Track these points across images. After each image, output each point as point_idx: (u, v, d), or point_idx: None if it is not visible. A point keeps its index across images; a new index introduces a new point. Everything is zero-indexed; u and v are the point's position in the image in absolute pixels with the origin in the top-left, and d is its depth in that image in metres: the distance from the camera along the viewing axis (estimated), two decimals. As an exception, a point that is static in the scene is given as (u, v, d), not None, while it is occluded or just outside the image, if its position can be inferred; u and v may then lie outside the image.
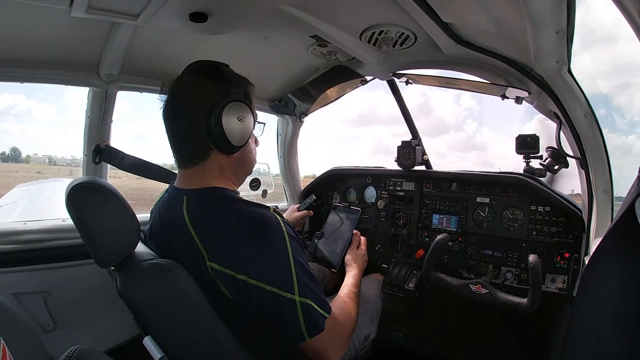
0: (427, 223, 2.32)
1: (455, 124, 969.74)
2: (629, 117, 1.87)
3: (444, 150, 58.65)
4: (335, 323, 1.20)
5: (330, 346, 1.20)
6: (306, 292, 1.13)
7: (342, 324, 1.26)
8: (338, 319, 1.24)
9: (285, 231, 1.17)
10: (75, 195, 1.14)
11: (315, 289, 1.17)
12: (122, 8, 1.45)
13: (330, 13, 1.58)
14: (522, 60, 1.56)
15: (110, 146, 1.95)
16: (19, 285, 1.72)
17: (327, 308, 1.18)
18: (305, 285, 1.13)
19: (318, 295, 1.16)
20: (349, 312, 1.35)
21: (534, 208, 1.96)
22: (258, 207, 1.20)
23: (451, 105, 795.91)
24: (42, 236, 1.80)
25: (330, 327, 1.17)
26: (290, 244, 1.16)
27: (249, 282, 1.10)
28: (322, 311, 1.15)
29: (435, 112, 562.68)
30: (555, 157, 1.73)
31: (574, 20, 1.22)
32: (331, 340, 1.19)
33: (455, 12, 1.43)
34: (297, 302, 1.11)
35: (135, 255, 1.16)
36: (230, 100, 1.19)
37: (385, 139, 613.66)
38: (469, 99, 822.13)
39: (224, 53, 1.98)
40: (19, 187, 4.54)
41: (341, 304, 1.37)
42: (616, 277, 0.96)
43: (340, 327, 1.24)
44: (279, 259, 1.13)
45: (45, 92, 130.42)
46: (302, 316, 1.11)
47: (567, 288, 1.80)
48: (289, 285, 1.11)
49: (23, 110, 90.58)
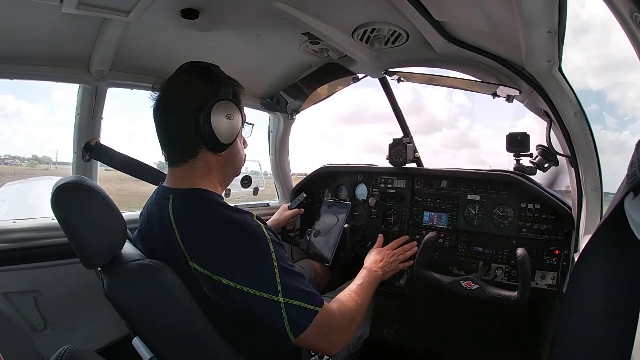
0: (418, 220, 2.32)
1: (448, 121, 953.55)
2: (621, 113, 1.90)
3: (437, 148, 59.07)
4: (329, 315, 1.20)
5: (324, 339, 1.21)
6: (290, 292, 1.13)
7: (338, 316, 1.26)
8: (333, 311, 1.24)
9: (268, 236, 1.18)
10: (60, 195, 1.12)
11: (300, 285, 1.17)
12: (113, 4, 1.44)
13: (322, 11, 1.58)
14: (513, 59, 1.57)
15: (100, 143, 1.93)
16: (9, 285, 1.70)
17: (317, 301, 1.17)
18: (289, 286, 1.13)
19: (303, 290, 1.16)
20: (347, 305, 1.35)
21: (524, 205, 1.98)
22: (241, 213, 1.22)
23: (443, 102, 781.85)
24: (32, 235, 1.78)
25: (323, 319, 1.17)
26: (273, 248, 1.16)
27: (232, 285, 1.10)
28: (310, 306, 1.15)
29: (427, 109, 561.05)
30: (545, 155, 1.74)
31: (566, 19, 1.23)
32: (324, 333, 1.19)
33: (448, 11, 1.43)
34: (282, 303, 1.11)
35: (122, 256, 1.15)
36: (219, 99, 1.22)
37: (375, 136, 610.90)
38: (461, 96, 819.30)
39: (215, 50, 1.97)
40: (8, 185, 4.50)
41: (341, 296, 1.39)
42: (605, 274, 0.97)
43: (335, 319, 1.24)
44: (262, 264, 1.14)
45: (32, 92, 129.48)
46: (287, 316, 1.11)
47: (556, 284, 1.82)
48: (272, 288, 1.11)
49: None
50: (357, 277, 1.61)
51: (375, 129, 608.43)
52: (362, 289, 1.51)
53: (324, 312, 1.18)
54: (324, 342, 1.22)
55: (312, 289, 1.20)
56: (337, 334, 1.26)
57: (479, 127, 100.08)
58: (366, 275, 1.65)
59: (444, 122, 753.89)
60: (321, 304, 1.18)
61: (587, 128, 1.54)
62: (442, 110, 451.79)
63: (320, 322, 1.16)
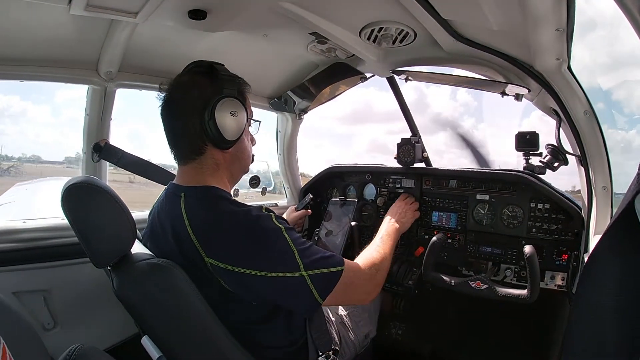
0: (427, 220, 2.31)
1: (452, 120, 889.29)
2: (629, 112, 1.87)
3: (442, 148, 58.86)
4: (353, 270, 1.32)
5: (354, 292, 1.34)
6: (311, 265, 1.18)
7: (363, 268, 1.39)
8: (356, 265, 1.37)
9: (278, 224, 1.22)
10: (70, 195, 1.14)
11: (317, 255, 1.23)
12: (121, 5, 1.45)
13: (329, 10, 1.57)
14: (521, 57, 1.56)
15: (109, 144, 1.95)
16: (19, 284, 1.72)
17: (337, 262, 1.25)
18: (309, 260, 1.19)
19: (322, 258, 1.23)
20: (372, 256, 1.50)
21: (534, 205, 1.96)
22: (249, 207, 1.25)
23: (447, 101, 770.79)
24: (42, 234, 1.79)
25: (349, 274, 1.26)
26: (286, 232, 1.21)
27: (254, 274, 1.13)
28: (332, 268, 1.22)
29: (432, 108, 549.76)
30: (555, 155, 1.72)
31: (574, 17, 1.22)
32: (353, 287, 1.30)
33: (455, 9, 1.42)
34: (306, 277, 1.16)
35: (131, 255, 1.16)
36: (223, 96, 1.24)
37: (381, 136, 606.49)
38: (465, 95, 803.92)
39: (222, 50, 1.98)
40: (18, 186, 4.53)
41: (365, 252, 1.55)
42: (615, 274, 0.97)
43: (360, 271, 1.38)
44: (279, 248, 1.18)
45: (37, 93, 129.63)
46: (313, 285, 1.17)
47: (566, 285, 1.80)
48: (294, 266, 1.16)
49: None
50: (377, 234, 1.75)
51: (381, 129, 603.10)
52: (383, 241, 1.67)
53: (347, 269, 1.26)
54: (354, 295, 1.36)
55: (328, 252, 1.27)
56: (367, 284, 1.40)
57: (483, 126, 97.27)
58: (385, 230, 1.81)
59: (449, 122, 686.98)
60: (342, 263, 1.26)
61: (597, 127, 1.52)
62: (447, 109, 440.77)
63: (346, 278, 1.24)
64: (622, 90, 1.80)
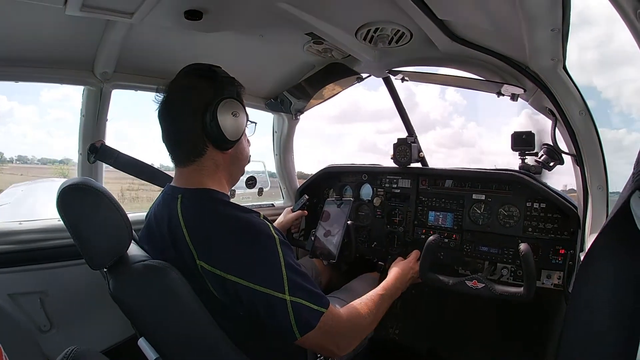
0: (423, 220, 2.32)
1: (442, 120, 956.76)
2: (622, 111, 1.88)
3: (432, 147, 58.47)
4: (335, 318, 1.20)
5: (330, 341, 1.21)
6: (296, 291, 1.13)
7: (346, 320, 1.26)
8: (340, 314, 1.24)
9: (275, 236, 1.19)
10: (66, 197, 1.13)
11: (308, 285, 1.17)
12: (117, 6, 1.45)
13: (326, 10, 1.58)
14: (517, 58, 1.57)
15: (105, 145, 1.94)
16: (15, 286, 1.71)
17: (322, 303, 1.17)
18: (296, 284, 1.14)
19: (311, 291, 1.17)
20: (360, 312, 1.34)
21: (530, 205, 1.97)
22: (248, 212, 1.23)
23: (436, 100, 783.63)
24: (38, 236, 1.79)
25: (328, 322, 1.17)
26: (280, 247, 1.17)
27: (240, 283, 1.11)
28: (316, 307, 1.15)
29: (421, 107, 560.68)
30: (551, 154, 1.73)
31: (569, 17, 1.22)
32: (330, 335, 1.19)
33: (451, 10, 1.43)
34: (288, 302, 1.11)
35: (127, 257, 1.16)
36: (225, 97, 1.24)
37: (370, 136, 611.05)
38: (454, 94, 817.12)
39: (219, 51, 1.98)
40: (14, 187, 4.51)
41: (357, 303, 1.39)
42: (611, 273, 0.97)
43: (342, 323, 1.23)
44: (270, 262, 1.15)
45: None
46: (293, 314, 1.11)
47: (562, 284, 1.81)
48: (279, 286, 1.12)
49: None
50: (380, 287, 1.57)
51: (370, 128, 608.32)
52: (383, 300, 1.50)
53: (330, 315, 1.18)
54: (329, 345, 1.22)
55: (318, 290, 1.20)
56: (343, 339, 1.26)
57: (473, 125, 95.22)
58: (390, 289, 1.61)
59: (438, 121, 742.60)
60: (327, 306, 1.18)
61: (593, 126, 1.53)
62: (436, 108, 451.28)
63: (326, 324, 1.16)
64: (616, 89, 1.81)
